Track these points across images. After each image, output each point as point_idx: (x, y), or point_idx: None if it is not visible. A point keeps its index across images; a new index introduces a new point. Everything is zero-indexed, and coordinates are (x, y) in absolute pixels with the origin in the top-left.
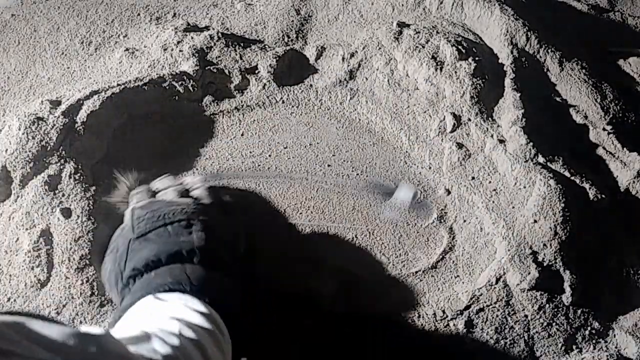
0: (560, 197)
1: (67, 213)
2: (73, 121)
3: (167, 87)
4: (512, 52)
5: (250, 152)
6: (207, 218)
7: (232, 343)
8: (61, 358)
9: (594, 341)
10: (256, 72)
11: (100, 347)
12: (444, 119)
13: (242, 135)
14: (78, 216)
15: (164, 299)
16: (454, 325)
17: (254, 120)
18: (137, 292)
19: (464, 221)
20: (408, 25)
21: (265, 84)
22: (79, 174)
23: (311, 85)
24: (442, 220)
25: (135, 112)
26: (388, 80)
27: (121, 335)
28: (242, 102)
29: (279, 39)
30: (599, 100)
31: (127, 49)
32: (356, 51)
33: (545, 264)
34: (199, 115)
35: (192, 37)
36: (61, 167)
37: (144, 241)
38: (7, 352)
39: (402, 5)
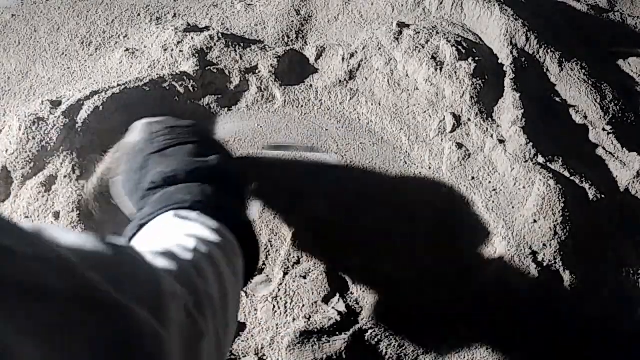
0: (560, 197)
1: (58, 215)
2: (73, 121)
3: (168, 88)
4: (512, 52)
5: (250, 152)
6: (222, 145)
7: (246, 260)
8: (78, 259)
9: None
10: (256, 72)
11: (122, 254)
12: (444, 119)
13: (242, 135)
14: (70, 217)
15: (183, 216)
16: (454, 325)
17: (254, 120)
18: (157, 205)
19: (464, 221)
20: (408, 26)
21: (265, 84)
22: (75, 175)
23: (311, 85)
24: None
25: (136, 113)
26: (388, 81)
27: (141, 248)
28: (242, 102)
29: (279, 39)
30: (598, 100)
31: (127, 49)
32: (356, 51)
33: (545, 264)
34: (199, 115)
35: (192, 38)
36: (58, 167)
37: (162, 156)
38: (24, 252)
39: (402, 5)
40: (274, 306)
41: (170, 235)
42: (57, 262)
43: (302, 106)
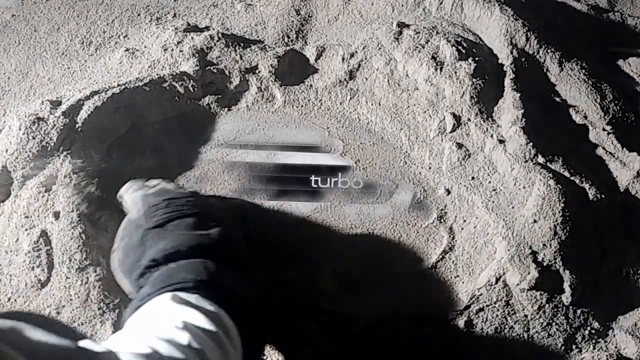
0: (560, 197)
1: (58, 215)
2: (73, 121)
3: (168, 88)
4: (512, 52)
5: (250, 152)
6: (222, 216)
7: (250, 340)
8: None
9: (593, 341)
10: (256, 72)
11: None
12: (444, 119)
13: (242, 135)
14: (70, 217)
15: (181, 301)
16: (454, 325)
17: (254, 120)
18: (157, 284)
19: (464, 221)
20: (408, 26)
21: (265, 84)
22: (75, 175)
23: (311, 85)
24: (442, 220)
25: (136, 113)
26: (388, 80)
27: (126, 348)
28: (242, 102)
29: (279, 39)
30: (598, 100)
31: (127, 49)
32: (356, 51)
33: (545, 264)
34: (199, 115)
35: (192, 38)
36: (58, 167)
37: (162, 231)
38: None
39: (402, 5)
40: None
41: (164, 323)
42: None
43: (302, 106)
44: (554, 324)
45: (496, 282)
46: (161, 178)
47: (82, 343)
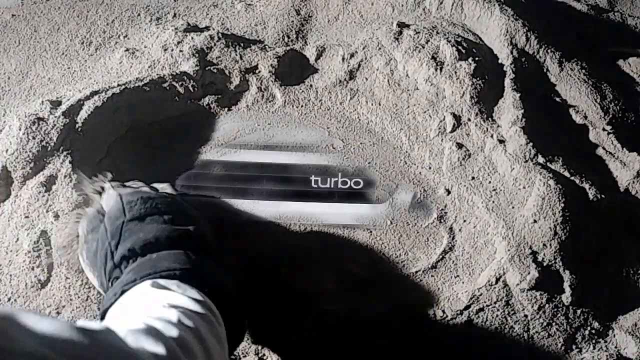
0: (560, 197)
1: (58, 215)
2: (73, 121)
3: (168, 88)
4: (512, 52)
5: (250, 152)
6: (197, 215)
7: (229, 329)
8: (53, 352)
9: (593, 341)
10: (256, 72)
11: (97, 341)
12: (444, 119)
13: (242, 135)
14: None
15: (162, 286)
16: (454, 325)
17: (254, 120)
18: (140, 272)
19: (464, 221)
20: (408, 26)
21: (265, 84)
22: (75, 175)
23: (311, 85)
24: (442, 220)
25: (136, 113)
26: (388, 81)
27: (120, 326)
28: (242, 102)
29: (279, 39)
30: (598, 100)
31: (127, 49)
32: (356, 51)
33: (545, 264)
34: (199, 115)
35: (192, 38)
36: (58, 167)
37: (140, 223)
38: None
39: (402, 5)
40: None
41: (151, 306)
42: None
43: (302, 106)
44: (554, 324)
45: (496, 282)
46: (141, 181)
47: (80, 323)
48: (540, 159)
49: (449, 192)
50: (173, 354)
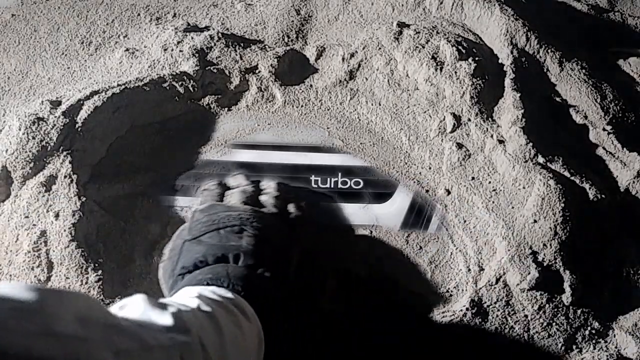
0: (560, 197)
1: (58, 215)
2: (73, 121)
3: (168, 88)
4: (512, 52)
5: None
6: (262, 225)
7: (267, 335)
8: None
9: (594, 341)
10: (256, 72)
11: (55, 304)
12: (444, 119)
13: (242, 135)
14: (69, 218)
15: (194, 290)
16: (454, 325)
17: (254, 120)
18: (181, 287)
19: (464, 221)
20: (408, 26)
21: (265, 84)
22: (75, 175)
23: (311, 85)
24: (442, 221)
25: (136, 113)
26: (388, 81)
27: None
28: (242, 102)
29: (279, 39)
30: (599, 100)
31: (127, 49)
32: (356, 51)
33: (545, 264)
34: (199, 115)
35: (192, 37)
36: (58, 167)
37: (197, 243)
38: None
39: (402, 5)
40: None
41: (176, 297)
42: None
43: (302, 106)
44: (554, 324)
45: (496, 282)
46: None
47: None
48: (540, 159)
49: (449, 192)
50: (180, 323)
